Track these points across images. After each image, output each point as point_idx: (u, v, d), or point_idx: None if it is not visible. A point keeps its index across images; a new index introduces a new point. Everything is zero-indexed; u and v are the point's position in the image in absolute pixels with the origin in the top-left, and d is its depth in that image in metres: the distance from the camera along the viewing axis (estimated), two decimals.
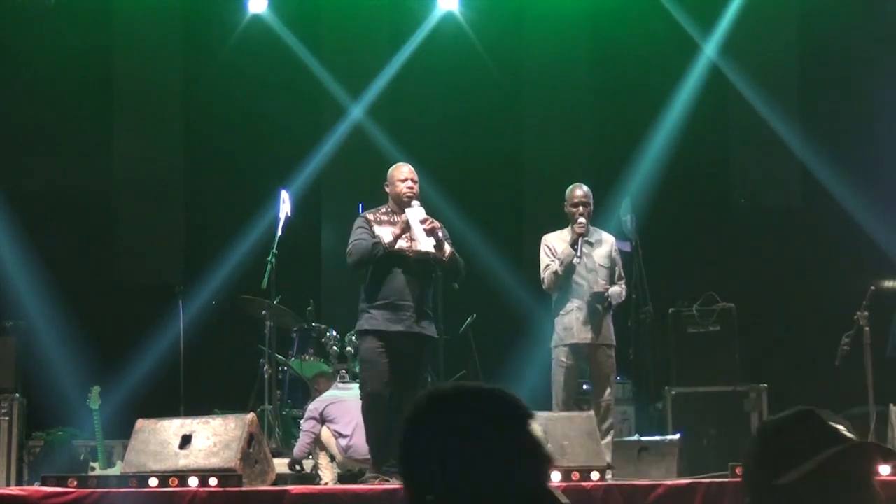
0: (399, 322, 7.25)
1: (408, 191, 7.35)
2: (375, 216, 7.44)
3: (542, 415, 7.36)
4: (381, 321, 7.26)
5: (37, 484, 7.01)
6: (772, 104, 11.06)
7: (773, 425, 2.31)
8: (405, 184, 7.38)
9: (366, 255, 7.29)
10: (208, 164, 11.52)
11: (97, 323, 10.32)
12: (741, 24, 11.13)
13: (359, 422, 7.83)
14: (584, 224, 7.89)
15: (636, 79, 11.40)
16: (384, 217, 7.42)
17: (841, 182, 10.68)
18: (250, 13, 11.35)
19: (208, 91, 11.33)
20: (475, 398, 1.96)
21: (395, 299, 7.26)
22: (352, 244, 7.36)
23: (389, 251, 7.25)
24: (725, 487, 6.57)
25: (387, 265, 7.30)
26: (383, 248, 7.25)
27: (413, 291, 7.27)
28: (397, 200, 7.40)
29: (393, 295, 7.27)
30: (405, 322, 7.25)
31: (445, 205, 10.26)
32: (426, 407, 1.96)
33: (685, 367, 9.15)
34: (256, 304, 9.08)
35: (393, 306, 7.26)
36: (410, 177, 7.41)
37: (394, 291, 7.27)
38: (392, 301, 7.26)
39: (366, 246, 7.28)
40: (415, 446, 1.95)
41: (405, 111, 11.53)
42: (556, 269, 7.91)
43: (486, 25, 11.47)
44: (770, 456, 2.24)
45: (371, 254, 7.26)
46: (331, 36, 11.68)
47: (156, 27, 11.40)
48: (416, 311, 7.27)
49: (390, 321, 7.25)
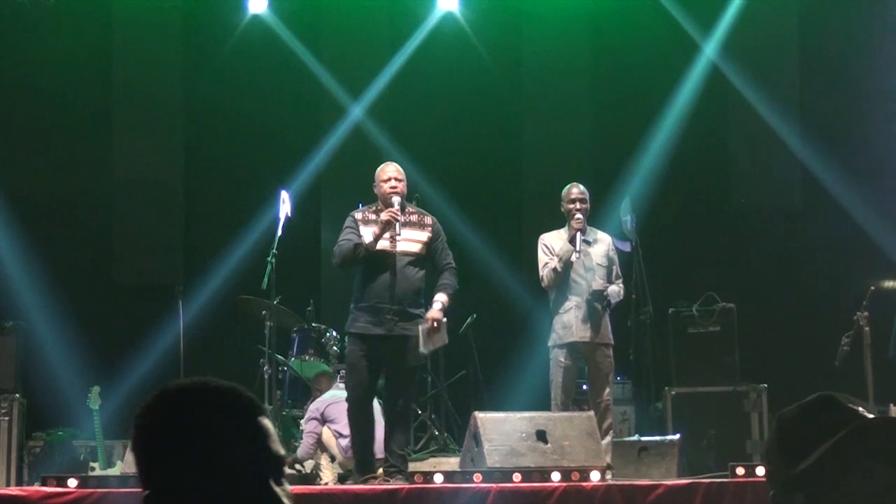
0: (380, 325, 7.27)
1: (390, 190, 7.37)
2: (364, 215, 7.46)
3: (543, 415, 7.37)
4: (363, 324, 7.29)
5: (37, 484, 7.01)
6: (772, 104, 11.06)
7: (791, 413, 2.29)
8: (388, 184, 7.40)
9: (348, 257, 7.31)
10: (208, 164, 11.51)
11: (97, 323, 10.32)
12: (741, 25, 11.13)
13: None
14: (581, 220, 7.88)
15: (636, 79, 11.40)
16: (371, 216, 7.43)
17: (841, 182, 10.67)
18: (250, 13, 11.34)
19: (208, 91, 11.32)
20: (207, 394, 1.94)
21: (376, 302, 7.28)
22: (337, 245, 7.40)
23: (371, 252, 7.27)
24: (725, 487, 6.57)
25: (370, 266, 7.32)
26: (364, 248, 7.26)
27: (395, 293, 7.28)
28: (383, 200, 7.43)
29: (375, 297, 7.29)
30: (386, 325, 7.27)
31: (445, 205, 10.26)
32: (157, 403, 1.94)
33: (685, 367, 9.16)
34: (256, 304, 9.08)
35: (374, 309, 7.28)
36: (394, 176, 7.42)
37: (376, 293, 7.29)
38: (373, 304, 7.29)
39: (348, 247, 7.30)
40: (146, 442, 1.93)
41: (405, 111, 11.53)
42: (555, 266, 7.91)
43: (486, 25, 11.47)
44: (789, 444, 2.21)
45: (353, 255, 7.28)
46: (331, 36, 11.68)
47: (156, 27, 11.39)
48: (397, 312, 7.28)
49: (371, 324, 7.28)
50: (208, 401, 1.93)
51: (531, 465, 6.82)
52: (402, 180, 7.43)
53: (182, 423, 1.91)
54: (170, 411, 1.93)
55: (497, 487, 6.48)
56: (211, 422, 1.91)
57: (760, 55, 11.27)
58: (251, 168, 11.26)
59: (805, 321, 10.59)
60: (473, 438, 7.09)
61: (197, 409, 1.92)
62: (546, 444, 6.98)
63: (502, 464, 6.82)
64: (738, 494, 6.51)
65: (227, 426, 1.91)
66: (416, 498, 6.42)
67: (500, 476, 6.68)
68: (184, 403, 1.93)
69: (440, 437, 9.07)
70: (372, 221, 7.38)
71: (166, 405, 1.94)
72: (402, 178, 7.45)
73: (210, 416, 1.92)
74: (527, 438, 6.98)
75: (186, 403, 1.93)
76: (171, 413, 1.93)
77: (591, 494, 6.47)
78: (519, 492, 6.52)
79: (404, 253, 7.32)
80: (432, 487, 6.57)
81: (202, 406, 1.92)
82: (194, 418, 1.91)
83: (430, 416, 9.31)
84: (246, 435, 1.92)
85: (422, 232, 7.47)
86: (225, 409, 1.93)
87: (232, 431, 1.91)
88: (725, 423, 8.84)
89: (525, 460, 6.86)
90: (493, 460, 6.84)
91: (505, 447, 6.92)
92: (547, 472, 6.74)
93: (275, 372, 8.87)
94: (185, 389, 1.95)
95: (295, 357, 9.66)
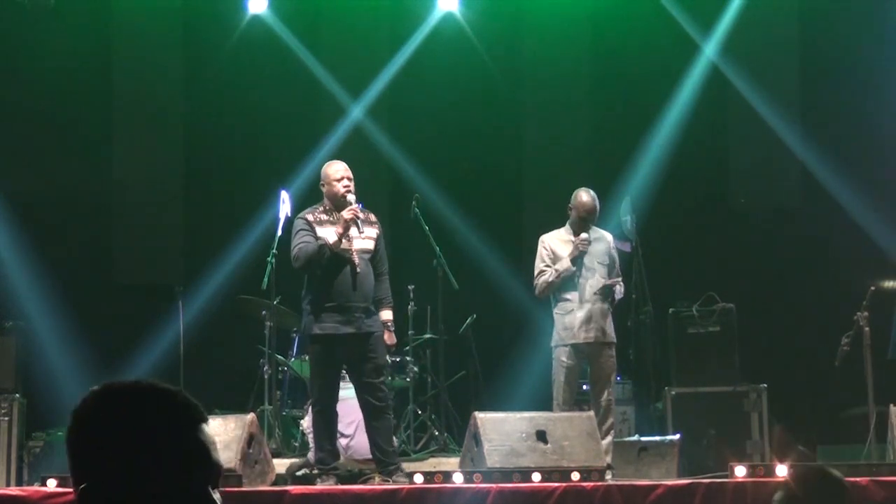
0: (349, 324, 7.30)
1: (344, 189, 7.39)
2: (315, 216, 7.46)
3: (543, 415, 7.37)
4: (331, 324, 7.29)
5: (37, 484, 7.01)
6: (772, 104, 11.05)
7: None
8: (341, 183, 7.43)
9: (314, 258, 7.32)
10: (208, 164, 11.50)
11: (97, 323, 10.31)
12: (741, 25, 11.12)
13: (359, 421, 7.84)
14: (587, 242, 7.90)
15: (636, 78, 11.39)
16: (324, 217, 7.44)
17: (841, 182, 10.67)
18: (250, 13, 11.33)
19: (208, 91, 11.32)
20: (147, 396, 1.92)
21: (343, 301, 7.30)
22: (296, 248, 7.39)
23: (334, 252, 7.27)
24: (725, 487, 6.57)
25: (332, 266, 7.32)
26: (329, 249, 7.27)
27: (359, 291, 7.33)
28: (334, 200, 7.44)
29: (340, 297, 7.31)
30: (355, 323, 7.30)
31: (445, 205, 10.26)
32: (95, 403, 1.92)
33: (685, 367, 9.15)
34: (256, 304, 9.08)
35: (342, 308, 7.29)
36: (346, 175, 7.45)
37: (340, 293, 7.31)
38: (340, 303, 7.29)
39: (312, 248, 7.31)
40: (81, 442, 1.91)
41: (405, 111, 11.52)
42: (550, 280, 7.90)
43: (486, 26, 11.46)
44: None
45: (318, 255, 7.30)
46: (331, 36, 11.67)
47: (156, 27, 11.39)
48: (363, 310, 7.33)
49: (340, 323, 7.29)
50: (150, 402, 1.91)
51: (531, 465, 6.82)
52: (352, 179, 7.46)
53: (121, 420, 1.88)
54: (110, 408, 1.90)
55: (497, 488, 6.48)
56: (149, 423, 1.88)
57: (760, 55, 11.26)
58: (251, 168, 11.26)
59: (805, 321, 10.59)
60: (473, 438, 7.09)
61: (137, 408, 1.90)
62: (546, 444, 6.98)
63: (502, 464, 6.83)
64: (738, 494, 6.51)
65: (165, 429, 1.88)
66: (417, 498, 6.42)
67: (500, 476, 6.68)
68: (125, 402, 1.91)
69: (440, 437, 9.08)
70: (326, 222, 7.39)
71: (107, 401, 1.92)
72: (352, 177, 7.48)
73: (151, 416, 1.89)
74: (527, 438, 6.98)
75: (127, 402, 1.91)
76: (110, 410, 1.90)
77: (591, 494, 6.47)
78: (519, 492, 6.52)
79: (362, 251, 7.39)
80: (432, 487, 6.58)
81: (142, 406, 1.90)
82: (133, 417, 1.88)
83: (430, 416, 9.31)
84: (186, 441, 1.90)
85: (373, 229, 7.55)
86: (167, 412, 1.90)
87: (170, 435, 1.88)
88: (725, 423, 8.84)
89: (525, 460, 6.86)
90: (493, 460, 6.84)
91: (505, 447, 6.92)
92: (547, 472, 6.74)
93: (275, 372, 8.88)
94: (128, 388, 1.93)
95: (295, 357, 9.66)
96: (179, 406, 1.92)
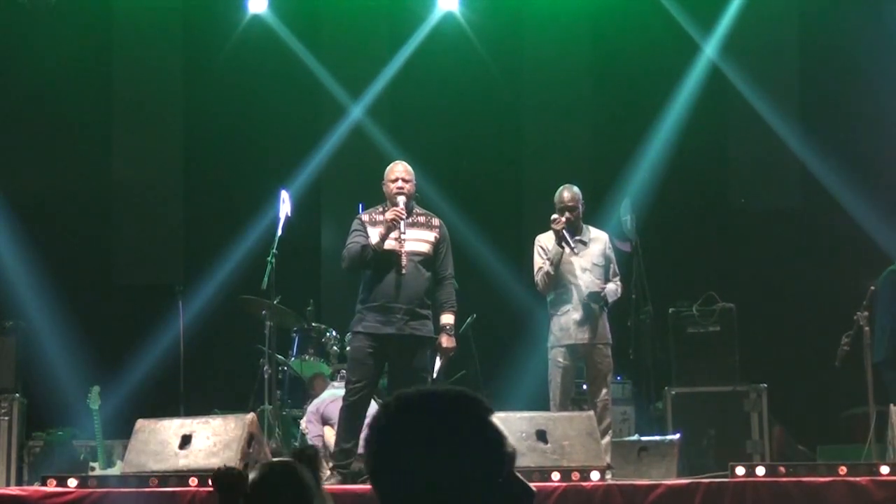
0: (390, 324, 7.26)
1: (397, 190, 7.38)
2: (371, 217, 7.47)
3: (543, 415, 7.37)
4: (372, 323, 7.28)
5: (37, 484, 7.01)
6: (772, 104, 11.06)
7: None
8: (395, 184, 7.42)
9: (356, 259, 7.33)
10: (208, 163, 11.51)
11: (97, 323, 10.31)
12: (741, 24, 11.13)
13: None
14: (561, 221, 7.84)
15: (636, 79, 11.39)
16: (378, 217, 7.44)
17: (841, 182, 10.67)
18: (250, 13, 11.34)
19: (208, 91, 11.32)
20: (438, 401, 1.99)
21: (385, 301, 7.28)
22: (345, 248, 7.41)
23: (378, 252, 7.26)
24: (725, 487, 6.57)
25: (379, 266, 7.31)
26: (371, 249, 7.26)
27: (404, 292, 7.28)
28: (390, 199, 7.43)
29: (384, 297, 7.28)
30: (396, 324, 7.26)
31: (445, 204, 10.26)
32: (391, 412, 1.99)
33: (685, 367, 9.15)
34: (256, 304, 9.08)
35: (384, 308, 7.28)
36: (401, 176, 7.43)
37: (385, 293, 7.29)
38: (383, 303, 7.28)
39: (356, 250, 7.32)
40: (383, 452, 1.97)
41: (405, 111, 11.53)
42: (548, 270, 7.90)
43: (486, 25, 11.46)
44: None
45: (361, 256, 7.29)
46: (331, 36, 11.68)
47: (156, 27, 11.40)
48: (407, 312, 7.28)
49: (381, 323, 7.27)
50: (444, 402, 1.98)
51: (531, 465, 6.82)
52: (409, 181, 7.43)
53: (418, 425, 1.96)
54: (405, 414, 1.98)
55: None
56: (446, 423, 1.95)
57: (760, 55, 11.27)
58: (251, 168, 11.26)
59: (805, 321, 10.59)
60: None
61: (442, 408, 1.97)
62: (546, 444, 6.98)
63: None
64: (738, 494, 6.51)
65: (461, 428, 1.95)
66: None
67: None
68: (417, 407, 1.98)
69: None
70: (379, 222, 7.38)
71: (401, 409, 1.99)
72: (410, 178, 7.45)
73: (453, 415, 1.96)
74: (527, 438, 6.97)
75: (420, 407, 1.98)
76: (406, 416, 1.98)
77: (591, 494, 6.47)
78: None
79: (412, 253, 7.32)
80: None
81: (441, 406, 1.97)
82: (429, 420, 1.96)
83: None
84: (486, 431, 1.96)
85: (430, 232, 7.47)
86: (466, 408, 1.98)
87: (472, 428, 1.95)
88: (725, 423, 8.84)
89: (525, 460, 6.86)
90: None
91: None
92: (547, 472, 6.74)
93: (275, 372, 8.87)
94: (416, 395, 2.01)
95: (295, 357, 9.67)
96: (470, 405, 1.99)
